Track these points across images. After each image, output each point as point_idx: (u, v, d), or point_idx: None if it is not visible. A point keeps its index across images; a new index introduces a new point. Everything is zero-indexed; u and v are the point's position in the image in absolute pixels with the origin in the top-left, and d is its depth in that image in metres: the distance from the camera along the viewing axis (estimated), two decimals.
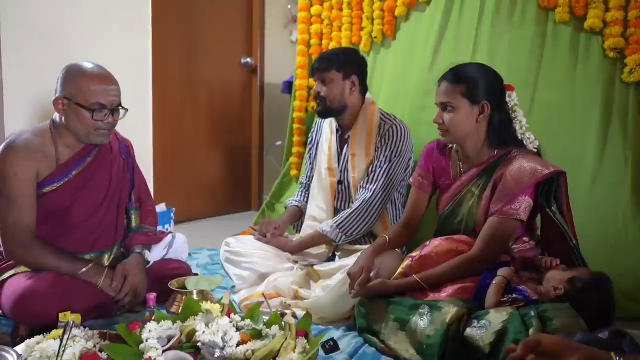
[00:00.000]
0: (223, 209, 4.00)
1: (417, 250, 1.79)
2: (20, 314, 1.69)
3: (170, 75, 3.53)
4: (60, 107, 1.77)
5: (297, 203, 2.52)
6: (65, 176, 1.82)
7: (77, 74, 1.77)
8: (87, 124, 1.76)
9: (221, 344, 1.36)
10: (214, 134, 3.90)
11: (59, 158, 1.81)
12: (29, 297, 1.67)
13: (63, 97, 1.76)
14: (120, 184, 1.95)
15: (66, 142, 1.82)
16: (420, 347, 1.54)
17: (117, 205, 1.95)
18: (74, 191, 1.83)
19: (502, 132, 1.77)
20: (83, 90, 1.74)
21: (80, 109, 1.75)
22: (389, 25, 2.85)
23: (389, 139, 2.25)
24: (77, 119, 1.76)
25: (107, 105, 1.77)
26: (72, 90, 1.75)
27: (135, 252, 1.94)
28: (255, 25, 4.03)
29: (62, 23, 2.70)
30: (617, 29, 2.19)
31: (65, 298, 1.69)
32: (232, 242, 2.31)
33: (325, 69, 2.28)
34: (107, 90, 1.77)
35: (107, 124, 1.79)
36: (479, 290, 1.60)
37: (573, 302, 1.50)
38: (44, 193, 1.79)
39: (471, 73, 1.76)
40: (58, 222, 1.83)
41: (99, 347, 1.48)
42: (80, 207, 1.85)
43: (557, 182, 1.71)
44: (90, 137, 1.80)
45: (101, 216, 1.90)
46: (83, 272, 1.78)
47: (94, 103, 1.75)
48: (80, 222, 1.85)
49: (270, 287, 2.05)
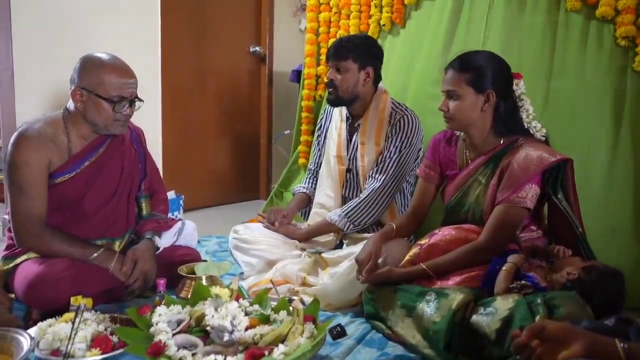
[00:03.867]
0: (231, 197, 4.02)
1: (425, 238, 1.79)
2: (33, 298, 1.72)
3: (180, 64, 3.54)
4: (78, 98, 1.77)
5: (304, 190, 2.53)
6: (77, 167, 1.83)
7: (96, 65, 1.77)
8: (107, 115, 1.77)
9: (230, 327, 1.38)
10: (222, 122, 3.91)
11: (71, 148, 1.82)
12: (41, 282, 1.69)
13: (82, 87, 1.76)
14: (131, 173, 1.97)
15: (79, 132, 1.83)
16: (426, 333, 1.55)
17: (128, 194, 1.97)
18: (86, 182, 1.85)
19: (508, 121, 1.77)
20: (104, 82, 1.75)
21: (100, 101, 1.75)
22: (398, 13, 2.83)
23: (400, 129, 2.24)
24: (96, 110, 1.77)
25: (127, 97, 1.78)
26: (92, 82, 1.75)
27: (146, 237, 1.95)
28: (264, 14, 4.02)
29: (72, 11, 2.72)
30: (629, 17, 2.16)
31: (77, 282, 1.72)
32: (241, 230, 2.33)
33: (342, 57, 2.24)
34: (128, 83, 1.78)
35: (125, 115, 1.80)
36: (489, 275, 1.60)
37: (584, 289, 1.50)
38: (55, 183, 1.80)
39: (478, 61, 1.75)
40: (70, 212, 1.85)
41: (110, 330, 1.51)
42: (92, 197, 1.86)
43: (564, 170, 1.70)
44: (108, 127, 1.81)
45: (113, 205, 1.92)
46: (94, 257, 1.80)
47: (114, 95, 1.76)
48: (92, 212, 1.87)
49: (278, 274, 2.06)
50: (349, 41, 2.29)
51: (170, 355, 1.32)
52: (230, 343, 1.37)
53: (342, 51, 2.24)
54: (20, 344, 1.43)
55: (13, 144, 1.76)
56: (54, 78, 2.61)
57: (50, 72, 2.61)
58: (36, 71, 2.59)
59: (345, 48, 2.25)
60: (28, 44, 2.55)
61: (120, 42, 2.91)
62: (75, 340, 1.42)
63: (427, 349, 1.54)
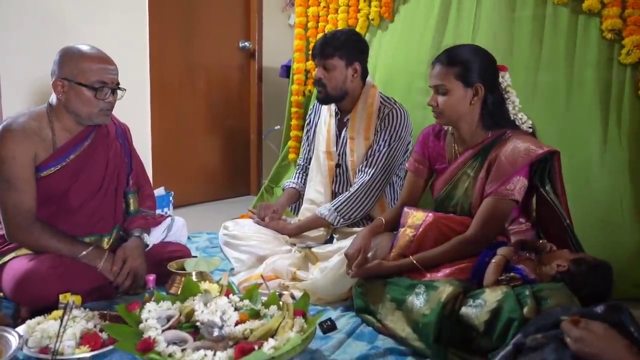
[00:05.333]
0: (221, 193, 4.01)
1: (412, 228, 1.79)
2: (21, 296, 1.71)
3: (168, 59, 3.52)
4: (60, 89, 1.77)
5: (294, 185, 2.53)
6: (63, 160, 1.82)
7: (75, 55, 1.77)
8: (89, 103, 1.77)
9: (219, 323, 1.37)
10: (212, 118, 3.89)
11: (56, 142, 1.81)
12: (29, 279, 1.68)
13: (62, 78, 1.76)
14: (117, 167, 1.96)
15: (63, 125, 1.82)
16: (416, 325, 1.56)
17: (115, 188, 1.96)
18: (71, 175, 1.84)
19: (495, 113, 1.77)
20: (84, 69, 1.75)
21: (82, 89, 1.75)
22: (386, 7, 2.84)
23: (389, 123, 2.25)
24: (78, 99, 1.77)
25: (108, 83, 1.78)
26: (72, 71, 1.75)
27: (134, 235, 1.95)
28: (253, 9, 4.01)
29: (59, 6, 2.69)
30: (614, 10, 2.17)
31: (65, 280, 1.71)
32: (231, 226, 2.32)
33: (328, 55, 2.23)
34: (108, 69, 1.79)
35: (108, 103, 1.80)
36: (478, 267, 1.61)
37: (573, 281, 1.51)
38: (41, 177, 1.79)
39: (465, 55, 1.76)
40: (56, 206, 1.84)
41: (99, 327, 1.51)
42: (77, 191, 1.85)
43: (551, 162, 1.71)
44: (92, 117, 1.80)
45: (99, 200, 1.91)
46: (83, 254, 1.79)
47: (95, 81, 1.76)
48: (78, 206, 1.86)
49: (269, 269, 2.06)
50: (333, 38, 2.26)
51: (159, 351, 1.31)
52: (220, 338, 1.37)
53: (328, 49, 2.23)
54: (9, 342, 1.42)
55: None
56: (40, 75, 2.57)
57: (36, 69, 2.58)
58: (22, 68, 2.56)
59: (330, 45, 2.23)
60: (13, 40, 2.52)
61: (107, 38, 2.87)
62: (64, 338, 1.42)
63: (416, 341, 1.55)
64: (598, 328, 1.07)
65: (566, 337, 1.08)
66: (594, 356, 1.04)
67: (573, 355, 1.06)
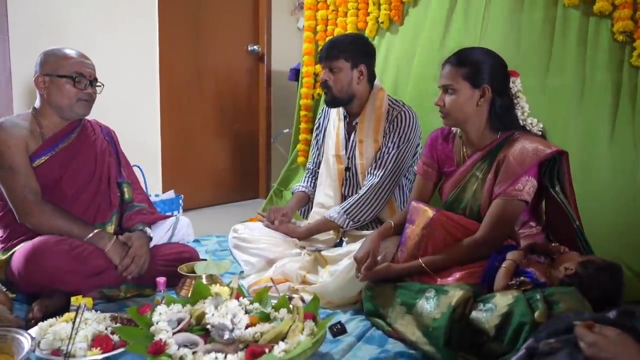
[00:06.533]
0: (231, 196, 4.03)
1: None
2: (31, 272, 1.73)
3: (177, 64, 3.54)
4: (41, 85, 1.89)
5: (303, 188, 2.54)
6: (52, 150, 1.92)
7: (54, 53, 1.92)
8: (69, 94, 1.89)
9: (230, 326, 1.38)
10: (221, 121, 3.91)
11: (44, 134, 1.92)
12: (39, 253, 1.73)
13: (44, 74, 1.89)
14: (106, 160, 2.04)
15: (49, 122, 1.94)
16: (426, 329, 1.55)
17: (108, 179, 2.04)
18: (61, 165, 1.92)
19: (504, 117, 1.77)
20: (62, 63, 1.89)
21: (61, 81, 1.88)
22: (396, 10, 2.84)
23: (397, 125, 2.25)
24: (59, 91, 1.89)
25: (86, 76, 1.91)
26: (51, 66, 1.89)
27: (138, 229, 1.99)
28: (262, 12, 4.02)
29: (70, 12, 2.72)
30: (626, 12, 2.16)
31: (73, 256, 1.77)
32: (240, 229, 2.33)
33: (333, 57, 2.25)
34: (85, 63, 1.93)
35: (87, 93, 1.91)
36: (487, 271, 1.60)
37: (581, 283, 1.50)
38: (33, 167, 1.87)
39: (475, 57, 1.76)
40: (53, 196, 1.90)
41: (111, 329, 1.52)
42: (69, 181, 1.93)
43: (560, 162, 1.70)
44: (72, 107, 1.91)
45: (93, 190, 1.98)
46: (90, 236, 1.86)
47: (73, 72, 1.89)
48: (72, 195, 1.93)
49: (278, 272, 2.07)
50: (339, 41, 2.30)
51: (170, 354, 1.32)
52: (230, 341, 1.37)
53: (333, 51, 2.25)
54: (21, 344, 1.43)
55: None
56: None
57: None
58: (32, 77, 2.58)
59: (335, 48, 2.26)
60: (25, 46, 2.55)
61: (118, 43, 2.91)
62: (76, 340, 1.43)
63: (427, 345, 1.55)
64: (612, 333, 1.06)
65: (580, 341, 1.07)
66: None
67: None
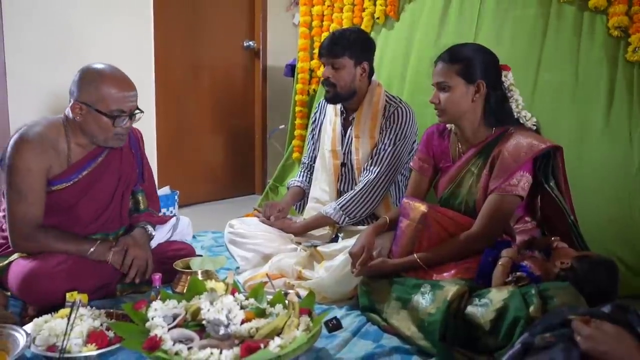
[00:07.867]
0: (226, 192, 4.02)
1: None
2: (27, 293, 1.71)
3: (173, 60, 3.53)
4: (77, 112, 1.75)
5: (299, 183, 2.53)
6: (75, 177, 1.82)
7: (95, 79, 1.73)
8: (107, 130, 1.76)
9: (225, 321, 1.38)
10: (217, 117, 3.90)
11: (70, 157, 1.81)
12: (35, 277, 1.69)
13: (82, 102, 1.74)
14: (128, 178, 1.96)
15: (78, 141, 1.82)
16: (421, 324, 1.55)
17: (122, 195, 1.96)
18: (81, 190, 1.84)
19: (498, 111, 1.77)
20: (104, 97, 1.72)
21: (100, 116, 1.74)
22: (392, 6, 2.83)
23: (394, 122, 2.24)
24: (96, 124, 1.75)
25: (127, 112, 1.76)
26: (91, 97, 1.73)
27: (139, 226, 1.96)
28: (257, 8, 4.01)
29: (65, 9, 2.70)
30: (621, 7, 2.16)
31: (72, 277, 1.72)
32: (236, 224, 2.32)
33: (337, 54, 2.21)
34: (128, 97, 1.76)
35: (125, 128, 1.79)
36: (482, 268, 1.61)
37: (576, 278, 1.50)
38: (52, 190, 1.79)
39: (467, 53, 1.76)
40: (65, 216, 1.84)
41: (106, 325, 1.52)
42: (84, 207, 1.86)
43: (554, 157, 1.71)
44: (107, 141, 1.80)
45: (107, 214, 1.91)
46: (91, 252, 1.79)
47: (114, 110, 1.74)
48: (86, 217, 1.86)
49: (274, 268, 2.07)
50: (342, 37, 2.23)
51: (166, 350, 1.32)
52: (226, 337, 1.37)
53: (337, 48, 2.21)
54: (16, 340, 1.43)
55: (14, 147, 1.73)
56: (47, 77, 2.59)
57: (43, 72, 2.59)
58: (29, 71, 2.57)
59: (339, 44, 2.21)
60: (20, 44, 2.53)
61: (113, 39, 2.89)
62: (72, 336, 1.42)
63: (422, 340, 1.55)
64: (609, 327, 1.07)
65: (576, 335, 1.08)
66: (604, 354, 1.04)
67: (582, 354, 1.06)
